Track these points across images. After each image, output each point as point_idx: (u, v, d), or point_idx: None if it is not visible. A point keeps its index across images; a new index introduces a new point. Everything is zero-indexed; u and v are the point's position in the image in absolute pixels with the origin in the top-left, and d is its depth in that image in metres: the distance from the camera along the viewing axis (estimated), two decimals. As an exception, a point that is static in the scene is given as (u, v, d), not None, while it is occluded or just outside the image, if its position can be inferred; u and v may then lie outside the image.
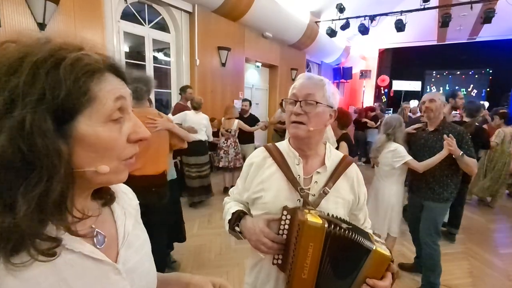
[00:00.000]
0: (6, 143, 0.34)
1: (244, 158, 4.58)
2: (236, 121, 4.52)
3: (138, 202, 0.63)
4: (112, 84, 0.43)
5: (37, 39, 0.39)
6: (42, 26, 3.08)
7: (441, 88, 12.30)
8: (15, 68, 0.36)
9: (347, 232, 0.78)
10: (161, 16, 4.98)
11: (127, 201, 0.59)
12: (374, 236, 0.87)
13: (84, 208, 0.45)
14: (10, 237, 0.35)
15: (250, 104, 5.14)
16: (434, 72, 12.40)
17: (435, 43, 10.47)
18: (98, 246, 0.47)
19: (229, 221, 1.02)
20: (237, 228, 0.98)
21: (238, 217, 1.00)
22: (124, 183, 0.52)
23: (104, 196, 0.53)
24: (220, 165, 4.57)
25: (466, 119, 3.38)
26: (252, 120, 4.98)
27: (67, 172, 0.38)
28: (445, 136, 2.01)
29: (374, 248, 0.78)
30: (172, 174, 2.49)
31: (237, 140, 4.62)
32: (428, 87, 12.39)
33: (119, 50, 4.24)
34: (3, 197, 0.35)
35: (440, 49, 10.90)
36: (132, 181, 0.55)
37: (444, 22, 6.75)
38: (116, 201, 0.56)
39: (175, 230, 2.61)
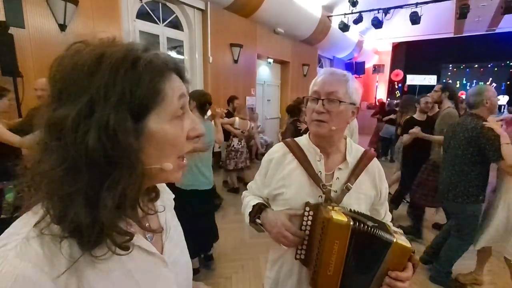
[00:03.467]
0: (94, 142, 0.35)
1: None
2: (249, 122, 4.40)
3: (173, 196, 0.66)
4: (176, 82, 0.45)
5: (101, 40, 0.41)
6: (63, 27, 3.18)
7: (457, 82, 11.96)
8: (94, 68, 0.37)
9: (371, 228, 0.78)
10: (174, 15, 5.03)
11: (165, 195, 0.62)
12: (392, 227, 0.87)
13: (144, 204, 0.48)
14: (92, 232, 0.37)
15: None
16: (450, 65, 12.05)
17: (451, 35, 10.14)
18: (149, 240, 0.50)
19: (250, 213, 1.02)
20: (258, 221, 0.98)
21: (259, 209, 1.00)
22: None
23: (151, 193, 0.56)
24: (230, 168, 4.26)
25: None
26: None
27: (141, 169, 0.40)
28: None
29: (394, 240, 0.78)
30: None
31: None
32: (444, 81, 12.06)
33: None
34: (88, 193, 0.37)
35: (457, 41, 10.57)
36: None
37: (462, 13, 6.51)
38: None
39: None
